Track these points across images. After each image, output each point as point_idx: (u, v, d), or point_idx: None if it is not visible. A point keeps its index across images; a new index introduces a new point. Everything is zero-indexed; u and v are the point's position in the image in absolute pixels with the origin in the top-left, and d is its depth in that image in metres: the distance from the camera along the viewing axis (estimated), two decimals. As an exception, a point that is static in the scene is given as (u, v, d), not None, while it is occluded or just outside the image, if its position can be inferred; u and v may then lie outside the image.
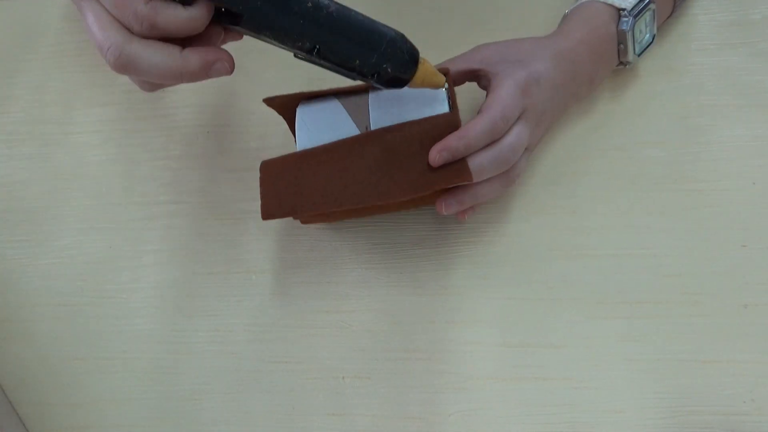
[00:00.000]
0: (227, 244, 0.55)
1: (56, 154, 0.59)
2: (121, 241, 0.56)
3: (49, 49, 0.62)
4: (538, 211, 0.52)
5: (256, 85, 0.58)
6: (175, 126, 0.58)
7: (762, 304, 0.48)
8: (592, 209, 0.51)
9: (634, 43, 0.49)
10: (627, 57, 0.50)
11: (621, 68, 0.52)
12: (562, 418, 0.48)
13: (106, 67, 0.61)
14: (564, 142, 0.53)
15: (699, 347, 0.48)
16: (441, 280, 0.52)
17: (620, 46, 0.49)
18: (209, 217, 0.56)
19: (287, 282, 0.53)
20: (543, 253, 0.51)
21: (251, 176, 0.56)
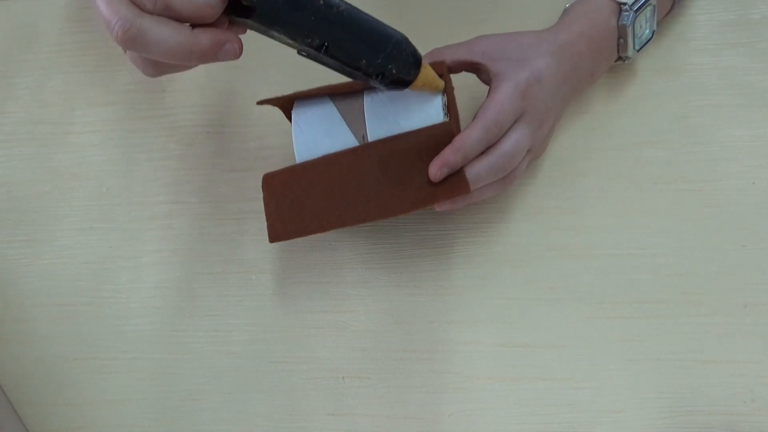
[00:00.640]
0: (227, 244, 0.55)
1: (56, 154, 0.59)
2: (120, 241, 0.56)
3: (49, 49, 0.62)
4: (538, 211, 0.52)
5: (256, 85, 0.58)
6: (175, 126, 0.58)
7: (762, 304, 0.48)
8: (592, 209, 0.51)
9: (633, 39, 0.49)
10: (626, 52, 0.50)
11: (619, 63, 0.52)
12: (562, 418, 0.48)
13: (106, 67, 0.61)
14: (563, 142, 0.53)
15: (699, 347, 0.48)
16: (441, 281, 0.52)
17: (620, 40, 0.49)
18: (209, 217, 0.56)
19: (287, 282, 0.53)
20: (543, 253, 0.51)
21: (251, 176, 0.56)
